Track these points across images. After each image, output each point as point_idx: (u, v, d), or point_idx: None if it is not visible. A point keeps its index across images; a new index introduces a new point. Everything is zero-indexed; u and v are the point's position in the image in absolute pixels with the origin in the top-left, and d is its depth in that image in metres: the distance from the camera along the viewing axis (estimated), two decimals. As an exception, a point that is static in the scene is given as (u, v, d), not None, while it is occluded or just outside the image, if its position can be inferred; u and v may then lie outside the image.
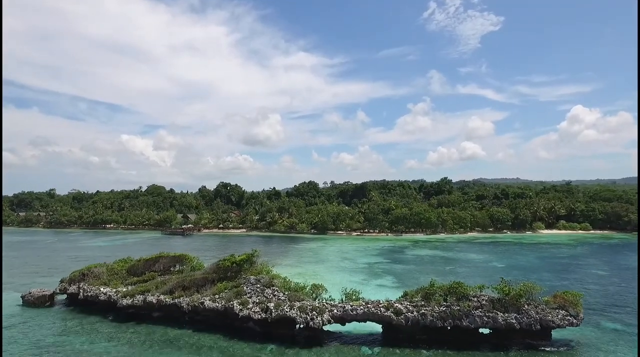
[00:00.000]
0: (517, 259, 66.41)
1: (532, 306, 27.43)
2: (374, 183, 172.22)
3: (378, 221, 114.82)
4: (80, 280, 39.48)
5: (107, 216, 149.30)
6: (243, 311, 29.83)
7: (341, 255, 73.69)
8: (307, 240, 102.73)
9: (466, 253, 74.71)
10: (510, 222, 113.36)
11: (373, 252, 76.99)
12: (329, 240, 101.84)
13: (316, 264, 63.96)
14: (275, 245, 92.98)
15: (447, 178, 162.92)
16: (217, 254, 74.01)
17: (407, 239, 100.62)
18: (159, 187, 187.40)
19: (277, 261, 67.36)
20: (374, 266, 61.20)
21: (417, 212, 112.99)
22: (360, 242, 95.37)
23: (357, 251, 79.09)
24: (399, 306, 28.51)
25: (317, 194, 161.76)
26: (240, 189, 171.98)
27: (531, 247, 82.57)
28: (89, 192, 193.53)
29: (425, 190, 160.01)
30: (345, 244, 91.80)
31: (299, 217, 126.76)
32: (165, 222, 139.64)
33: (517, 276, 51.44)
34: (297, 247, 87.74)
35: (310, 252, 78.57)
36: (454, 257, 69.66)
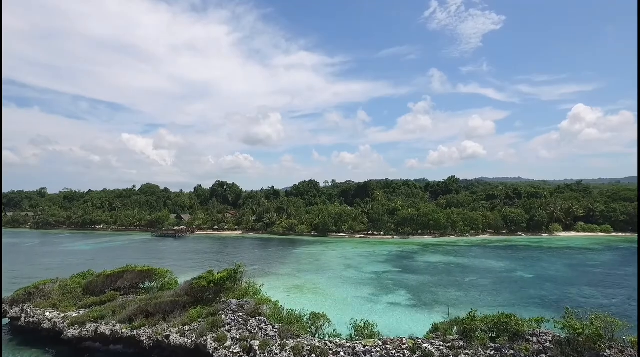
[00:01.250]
0: (544, 268, 58.71)
1: (615, 351, 19.78)
2: (378, 182, 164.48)
3: (383, 222, 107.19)
4: (25, 300, 32.00)
5: (96, 216, 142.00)
6: (218, 351, 22.30)
7: (344, 262, 66.12)
8: (307, 243, 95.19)
9: (483, 260, 67.03)
10: (525, 224, 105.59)
11: (380, 259, 69.40)
12: (330, 243, 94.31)
13: (316, 273, 56.37)
14: (273, 249, 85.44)
15: (455, 177, 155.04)
16: (206, 261, 66.48)
17: (415, 243, 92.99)
18: (153, 186, 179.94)
19: (272, 269, 59.90)
20: (383, 277, 53.59)
21: (425, 213, 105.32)
22: (365, 246, 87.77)
23: (361, 257, 71.52)
24: (429, 347, 20.91)
25: (317, 194, 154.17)
26: (238, 188, 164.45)
27: (554, 253, 74.85)
28: (80, 191, 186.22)
29: (432, 189, 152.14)
30: (348, 248, 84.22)
31: (298, 218, 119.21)
32: (157, 223, 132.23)
33: (552, 291, 43.81)
34: (296, 251, 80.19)
35: (310, 258, 71.01)
36: (471, 265, 62.00)
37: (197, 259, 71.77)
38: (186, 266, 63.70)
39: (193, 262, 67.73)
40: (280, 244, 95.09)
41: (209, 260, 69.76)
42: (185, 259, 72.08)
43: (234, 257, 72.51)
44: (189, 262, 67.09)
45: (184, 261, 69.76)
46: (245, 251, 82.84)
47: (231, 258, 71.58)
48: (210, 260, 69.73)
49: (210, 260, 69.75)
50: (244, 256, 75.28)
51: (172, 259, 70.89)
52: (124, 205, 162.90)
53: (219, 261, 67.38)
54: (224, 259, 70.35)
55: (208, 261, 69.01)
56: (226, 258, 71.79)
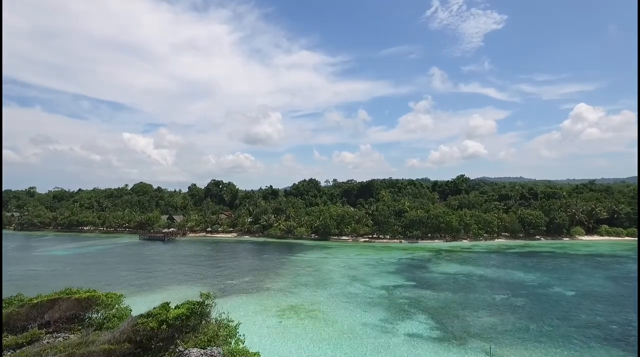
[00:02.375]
0: (584, 282, 50.00)
1: None
2: (382, 181, 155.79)
3: (389, 225, 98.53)
4: None
5: (83, 217, 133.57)
6: None
7: (348, 272, 57.53)
8: (306, 248, 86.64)
9: (508, 270, 58.34)
10: (545, 227, 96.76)
11: (389, 268, 60.81)
12: (332, 248, 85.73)
13: (316, 288, 47.80)
14: (268, 255, 76.89)
15: (464, 176, 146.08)
16: (190, 272, 57.86)
17: (425, 248, 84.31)
18: (146, 185, 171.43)
19: (265, 282, 51.31)
20: (395, 293, 44.99)
21: (435, 215, 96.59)
22: (370, 252, 79.18)
23: (368, 266, 62.94)
24: None
25: (318, 194, 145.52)
26: (234, 187, 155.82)
27: (586, 261, 66.09)
28: (69, 190, 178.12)
29: (440, 189, 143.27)
30: (352, 255, 75.66)
31: (297, 220, 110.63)
32: (146, 224, 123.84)
33: (609, 316, 35.06)
34: (294, 259, 71.63)
35: (310, 267, 62.44)
36: (496, 278, 53.32)
37: (180, 269, 63.27)
38: (164, 279, 55.30)
39: (173, 274, 59.33)
40: (277, 249, 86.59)
41: (194, 271, 61.31)
42: (165, 269, 63.67)
43: (223, 267, 64.13)
44: (168, 275, 58.66)
45: (162, 272, 61.33)
46: (238, 258, 74.35)
47: (220, 268, 63.26)
48: (195, 270, 61.29)
49: (194, 271, 61.31)
50: (235, 264, 66.81)
51: (151, 270, 62.46)
52: (114, 205, 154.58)
53: (203, 275, 58.99)
54: (211, 270, 61.96)
55: (192, 272, 60.56)
56: (214, 268, 63.37)
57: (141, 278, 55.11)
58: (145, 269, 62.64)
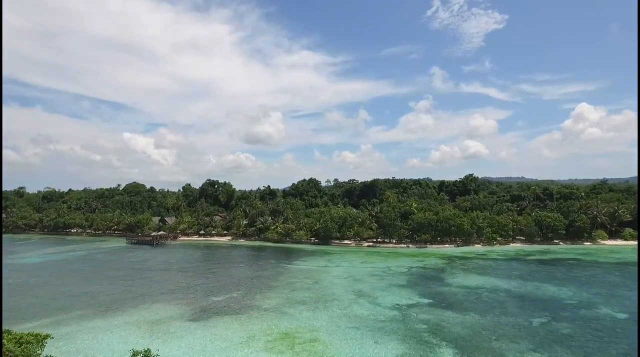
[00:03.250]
0: (632, 300, 42.36)
1: None
2: (385, 181, 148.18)
3: (395, 228, 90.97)
4: None
5: (70, 219, 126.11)
6: None
7: (353, 286, 50.01)
8: (305, 254, 79.14)
9: (537, 283, 50.73)
10: (564, 231, 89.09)
11: (399, 280, 53.26)
12: (334, 254, 78.22)
13: (315, 307, 40.29)
14: (262, 263, 69.35)
15: (472, 175, 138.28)
16: (168, 288, 50.11)
17: (436, 254, 76.73)
18: (139, 185, 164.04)
19: (255, 299, 43.73)
20: (410, 315, 37.44)
21: (445, 217, 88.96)
22: (376, 259, 71.66)
23: (374, 277, 55.40)
24: None
25: (318, 194, 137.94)
26: (230, 187, 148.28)
27: (622, 271, 58.42)
28: (59, 191, 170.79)
29: (447, 189, 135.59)
30: (356, 262, 68.15)
31: (296, 223, 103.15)
32: (136, 227, 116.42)
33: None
34: (291, 268, 64.13)
35: (308, 278, 54.92)
36: (526, 294, 45.76)
37: (161, 280, 55.80)
38: (139, 294, 47.79)
39: (151, 287, 51.92)
40: (273, 255, 79.11)
41: (176, 283, 53.82)
42: (144, 281, 56.27)
43: (210, 277, 56.67)
44: (145, 288, 51.16)
45: (140, 284, 53.91)
46: (229, 266, 66.86)
47: (207, 279, 55.81)
48: (178, 282, 53.81)
49: (177, 283, 53.82)
50: (225, 274, 59.32)
51: (128, 281, 55.02)
52: (104, 206, 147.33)
53: (186, 288, 51.53)
54: (197, 281, 54.45)
55: (174, 284, 53.06)
56: (200, 279, 55.88)
57: (113, 293, 47.67)
58: (122, 280, 55.19)
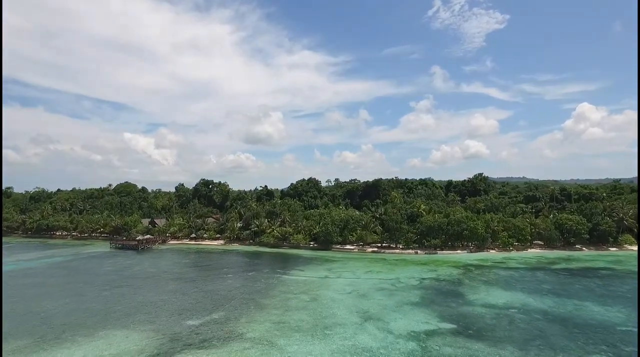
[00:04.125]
0: (701, 325, 34.46)
1: None
2: (389, 181, 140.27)
3: (402, 232, 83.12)
4: None
5: (54, 221, 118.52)
6: None
7: (357, 304, 42.23)
8: (303, 261, 71.43)
9: (576, 301, 42.88)
10: (588, 235, 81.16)
11: (411, 296, 45.45)
12: (335, 262, 70.47)
13: (312, 335, 32.55)
14: (254, 273, 61.54)
15: (482, 174, 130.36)
16: (145, 303, 41.95)
17: (448, 262, 68.89)
18: (130, 185, 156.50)
19: (239, 324, 35.84)
20: (432, 349, 29.65)
21: (457, 219, 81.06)
22: (382, 268, 63.88)
23: (382, 292, 47.61)
24: None
25: (318, 194, 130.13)
26: (226, 187, 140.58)
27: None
28: (48, 191, 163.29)
29: (456, 189, 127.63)
30: (359, 272, 60.38)
31: (294, 225, 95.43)
32: (123, 230, 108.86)
33: None
34: (286, 279, 56.35)
35: (305, 293, 47.15)
36: (568, 316, 37.92)
37: (132, 296, 48.04)
38: (100, 315, 40.03)
39: (117, 306, 44.27)
40: (267, 263, 71.40)
41: (149, 299, 46.06)
42: (113, 297, 48.61)
43: (192, 292, 48.96)
44: (110, 307, 43.35)
45: (106, 302, 46.21)
46: (216, 277, 59.11)
47: (187, 294, 48.11)
48: (151, 299, 46.05)
49: (150, 299, 46.07)
50: (209, 287, 51.56)
51: (93, 297, 47.31)
52: (92, 207, 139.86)
53: (158, 308, 43.75)
54: (174, 297, 46.69)
55: (146, 301, 45.28)
56: (178, 295, 48.14)
57: (71, 313, 39.97)
58: (89, 295, 47.51)
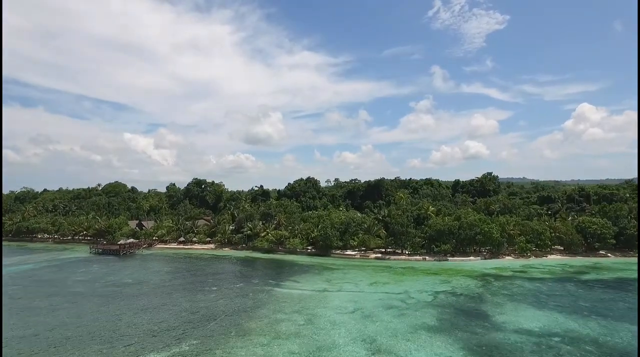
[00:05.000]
0: None
1: None
2: (392, 181, 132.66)
3: (409, 236, 75.56)
4: None
5: (34, 223, 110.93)
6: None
7: (362, 330, 34.63)
8: (299, 270, 63.89)
9: (628, 325, 35.30)
10: (614, 240, 73.62)
11: (425, 317, 37.85)
12: (335, 270, 62.92)
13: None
14: (242, 285, 53.91)
15: (492, 173, 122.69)
16: (103, 326, 33.79)
17: (462, 270, 61.32)
18: (119, 185, 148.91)
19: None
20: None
21: (469, 222, 73.50)
22: (388, 278, 56.31)
23: (391, 311, 40.01)
24: None
25: (317, 195, 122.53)
26: (219, 187, 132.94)
27: None
28: (34, 191, 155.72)
29: (464, 190, 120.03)
30: (363, 284, 52.78)
31: (290, 229, 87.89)
32: (107, 232, 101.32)
33: None
34: (278, 293, 48.74)
35: (299, 315, 39.54)
36: (630, 348, 30.30)
37: (93, 314, 40.37)
38: (42, 343, 32.27)
39: (68, 330, 36.66)
40: (259, 272, 63.87)
41: (110, 319, 38.39)
42: (69, 317, 40.99)
43: (166, 311, 41.36)
44: (59, 331, 35.59)
45: (56, 324, 38.53)
46: (195, 291, 51.51)
47: (160, 314, 40.49)
48: (113, 320, 38.37)
49: (111, 319, 38.40)
50: (184, 305, 43.93)
51: (45, 317, 39.61)
52: (79, 208, 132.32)
53: (115, 334, 36.04)
54: (141, 318, 39.05)
55: (106, 323, 37.57)
56: (147, 314, 40.48)
57: (4, 341, 32.32)
58: (38, 315, 39.87)
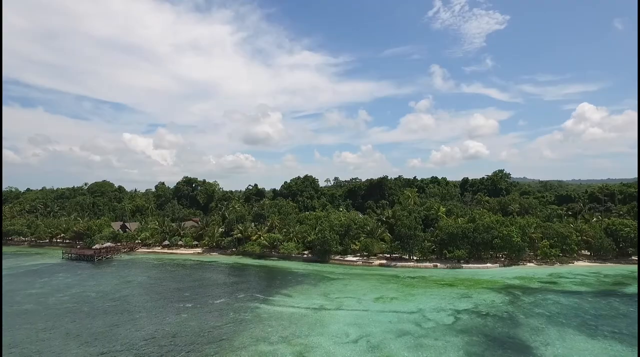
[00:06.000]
0: None
1: None
2: (396, 180, 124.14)
3: (418, 240, 67.09)
4: None
5: (9, 225, 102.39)
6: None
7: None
8: (293, 281, 55.43)
9: None
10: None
11: (450, 350, 29.43)
12: (334, 281, 54.45)
13: None
14: (224, 300, 45.41)
15: (503, 171, 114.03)
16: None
17: (481, 280, 52.83)
18: (106, 184, 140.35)
19: None
20: None
21: (486, 225, 65.07)
22: (396, 292, 47.86)
23: (403, 339, 31.52)
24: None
25: (316, 194, 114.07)
26: (211, 186, 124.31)
27: None
28: (15, 190, 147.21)
29: (473, 188, 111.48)
30: (367, 300, 44.29)
31: (285, 231, 79.44)
32: (85, 235, 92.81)
33: None
34: (265, 311, 40.23)
35: (288, 343, 31.05)
36: None
37: (27, 345, 31.84)
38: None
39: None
40: (246, 282, 55.40)
41: (45, 351, 29.87)
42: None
43: (110, 342, 32.82)
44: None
45: None
46: (166, 307, 43.03)
47: (101, 347, 31.94)
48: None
49: (46, 352, 29.86)
50: (146, 329, 35.43)
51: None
52: (61, 208, 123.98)
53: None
54: (87, 351, 30.48)
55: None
56: (97, 345, 31.93)
57: None
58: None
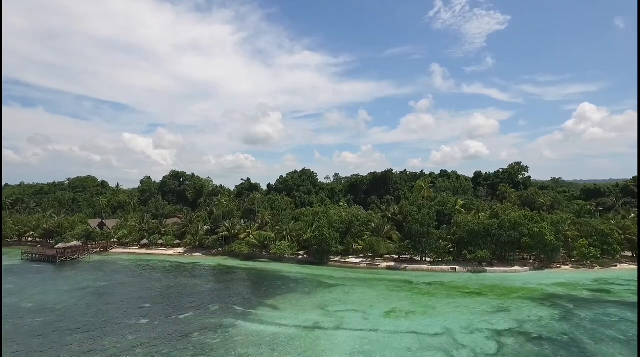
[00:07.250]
0: None
1: None
2: (402, 174, 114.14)
3: (432, 239, 57.05)
4: None
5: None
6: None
7: None
8: (284, 288, 45.48)
9: None
10: None
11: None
12: (332, 289, 44.50)
13: None
14: (190, 314, 35.45)
15: (520, 163, 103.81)
16: None
17: (514, 288, 42.81)
18: (88, 179, 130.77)
19: None
20: None
21: (512, 221, 55.03)
22: (412, 304, 37.90)
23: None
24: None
25: (314, 189, 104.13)
26: (200, 180, 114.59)
27: None
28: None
29: (488, 183, 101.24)
30: (376, 315, 34.34)
31: (277, 229, 69.51)
32: (56, 233, 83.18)
33: None
34: (240, 332, 30.25)
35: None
36: None
37: None
38: None
39: None
40: (225, 290, 45.45)
41: None
42: None
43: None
44: None
45: None
46: (108, 328, 33.17)
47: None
48: None
49: None
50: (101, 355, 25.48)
51: None
52: (37, 205, 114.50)
53: None
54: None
55: None
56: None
57: None
58: None
